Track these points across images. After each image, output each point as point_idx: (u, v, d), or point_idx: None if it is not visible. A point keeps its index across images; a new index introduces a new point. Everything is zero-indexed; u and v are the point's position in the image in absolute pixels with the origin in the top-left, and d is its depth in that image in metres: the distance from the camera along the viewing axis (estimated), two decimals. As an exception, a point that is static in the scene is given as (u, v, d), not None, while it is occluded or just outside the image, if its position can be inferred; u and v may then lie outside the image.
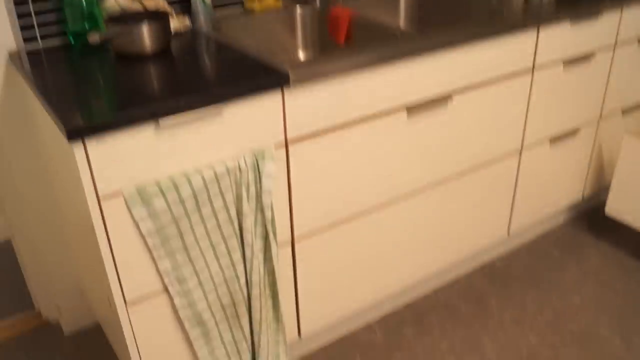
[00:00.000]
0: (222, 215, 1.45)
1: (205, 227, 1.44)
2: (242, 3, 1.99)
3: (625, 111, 2.42)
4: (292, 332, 1.81)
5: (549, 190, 2.31)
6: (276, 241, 1.57)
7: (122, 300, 1.43)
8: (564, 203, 2.43)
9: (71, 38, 1.70)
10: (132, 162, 1.31)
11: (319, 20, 2.05)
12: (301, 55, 2.07)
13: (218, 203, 1.43)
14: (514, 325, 2.07)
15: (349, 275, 1.84)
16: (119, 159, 1.29)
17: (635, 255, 2.39)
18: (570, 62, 2.06)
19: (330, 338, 2.01)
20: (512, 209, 2.21)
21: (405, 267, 1.98)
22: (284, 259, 1.67)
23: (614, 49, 2.19)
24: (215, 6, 1.94)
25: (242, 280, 1.55)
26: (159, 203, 1.35)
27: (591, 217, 2.63)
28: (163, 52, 1.61)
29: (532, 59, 1.93)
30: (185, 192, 1.37)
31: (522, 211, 2.26)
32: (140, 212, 1.34)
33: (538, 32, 1.90)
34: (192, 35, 1.77)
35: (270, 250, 1.56)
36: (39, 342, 2.07)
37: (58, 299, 2.05)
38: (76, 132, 1.21)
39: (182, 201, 1.37)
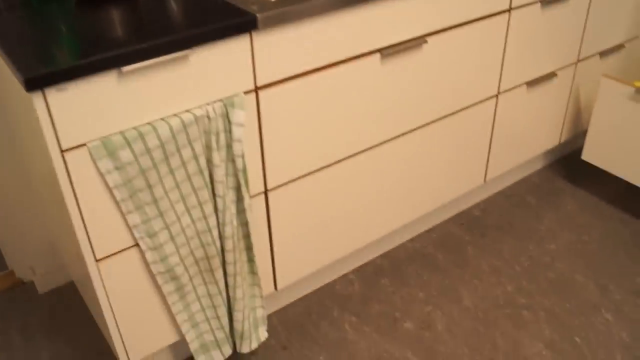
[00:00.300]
0: (191, 166, 1.40)
1: (175, 179, 1.39)
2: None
3: (603, 54, 2.39)
4: (269, 285, 1.79)
5: (526, 135, 2.30)
6: (249, 192, 1.53)
7: (92, 257, 1.39)
8: (541, 149, 2.42)
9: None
10: (96, 112, 1.26)
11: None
12: None
13: (187, 153, 1.38)
14: (490, 274, 2.07)
15: (324, 225, 1.81)
16: (82, 109, 1.24)
17: (611, 201, 2.40)
18: (548, 2, 2.01)
19: (307, 290, 2.00)
20: (488, 155, 2.19)
21: (382, 216, 1.96)
22: (258, 211, 1.64)
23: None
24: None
25: (215, 233, 1.51)
26: (125, 154, 1.30)
27: (568, 163, 2.62)
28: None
29: None
30: (152, 142, 1.32)
31: (499, 158, 2.25)
32: (106, 164, 1.29)
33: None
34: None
35: (242, 202, 1.52)
36: (13, 301, 2.03)
37: (31, 259, 2.01)
38: (34, 81, 1.15)
39: (149, 151, 1.32)
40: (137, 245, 1.43)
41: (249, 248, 1.60)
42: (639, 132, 2.19)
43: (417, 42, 1.72)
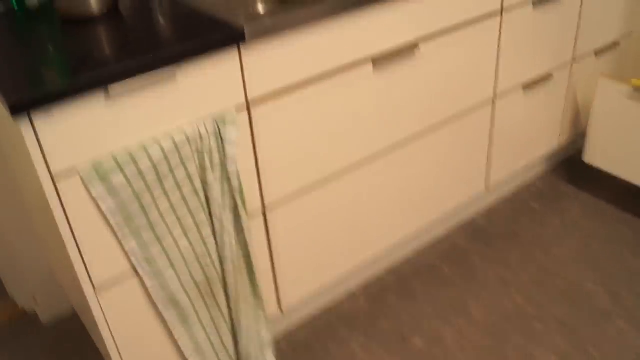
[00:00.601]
0: (186, 187, 1.37)
1: (170, 201, 1.36)
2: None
3: (598, 52, 2.37)
4: (273, 306, 1.74)
5: (526, 139, 2.27)
6: (246, 211, 1.50)
7: (91, 286, 1.35)
8: (542, 152, 2.38)
9: (14, 3, 1.60)
10: (85, 135, 1.23)
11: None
12: (261, 9, 1.98)
13: (180, 174, 1.35)
14: (498, 284, 2.02)
15: (327, 241, 1.77)
16: (71, 133, 1.21)
17: (616, 203, 2.36)
18: (540, 2, 1.99)
19: (313, 310, 1.95)
20: (488, 162, 2.16)
21: (384, 229, 1.92)
22: (258, 230, 1.60)
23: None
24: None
25: (215, 255, 1.47)
26: (117, 178, 1.26)
27: (570, 166, 2.59)
28: (111, 13, 1.52)
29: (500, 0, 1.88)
30: (144, 164, 1.29)
31: (500, 164, 2.21)
32: (98, 189, 1.26)
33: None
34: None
35: (240, 222, 1.49)
36: (16, 332, 1.98)
37: (33, 288, 1.96)
38: (20, 107, 1.12)
39: (141, 174, 1.29)
40: (135, 272, 1.39)
41: (250, 269, 1.56)
42: (637, 131, 2.17)
43: (409, 48, 1.70)
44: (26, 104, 1.12)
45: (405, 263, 2.13)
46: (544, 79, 2.19)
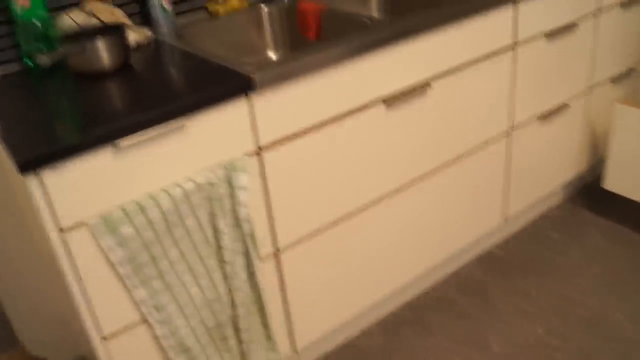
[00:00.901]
0: (196, 235, 1.36)
1: (180, 249, 1.35)
2: (205, 7, 1.90)
3: (614, 79, 2.33)
4: (287, 347, 1.73)
5: (543, 170, 2.23)
6: (258, 255, 1.49)
7: (99, 336, 1.34)
8: (560, 182, 2.35)
9: (28, 61, 1.61)
10: (94, 189, 1.23)
11: (287, 17, 1.96)
12: (271, 55, 1.98)
13: (191, 222, 1.34)
14: (518, 316, 1.99)
15: (341, 280, 1.76)
16: (79, 187, 1.21)
17: (638, 229, 2.31)
18: (552, 34, 1.97)
19: (328, 347, 1.93)
20: (506, 193, 2.13)
21: (400, 266, 1.90)
22: (270, 272, 1.59)
23: (596, 16, 2.10)
24: (177, 13, 1.84)
25: (226, 300, 1.46)
26: (126, 229, 1.26)
27: (589, 193, 2.54)
28: (123, 68, 1.52)
29: (511, 35, 1.85)
30: (154, 214, 1.28)
31: (517, 195, 2.18)
32: (108, 241, 1.25)
33: (515, 5, 1.82)
34: (154, 46, 1.68)
35: (252, 266, 1.47)
36: (27, 379, 1.99)
37: (43, 334, 1.96)
38: (28, 164, 1.13)
39: (150, 224, 1.28)
40: (145, 320, 1.38)
41: (262, 312, 1.55)
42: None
43: (421, 87, 1.68)
44: (34, 162, 1.13)
45: (421, 297, 2.10)
46: (560, 108, 2.16)
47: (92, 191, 1.23)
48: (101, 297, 1.31)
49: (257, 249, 1.48)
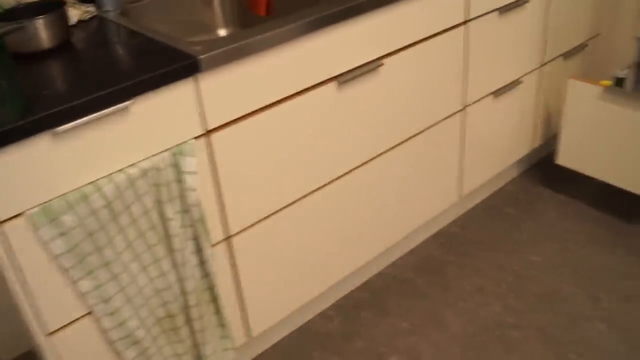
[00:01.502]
0: (143, 222, 1.30)
1: (126, 237, 1.29)
2: (149, -17, 1.82)
3: (567, 55, 2.33)
4: (242, 334, 1.69)
5: (498, 146, 2.22)
6: (209, 241, 1.43)
7: (44, 333, 1.28)
8: (514, 158, 2.35)
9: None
10: (33, 177, 1.15)
11: (235, -7, 1.89)
12: (220, 33, 1.91)
13: (137, 209, 1.28)
14: (475, 294, 1.98)
15: (296, 264, 1.72)
16: (17, 176, 1.14)
17: (590, 203, 2.33)
18: (504, 9, 1.94)
19: (284, 332, 1.90)
20: (461, 171, 2.12)
21: (355, 247, 1.87)
22: (223, 258, 1.54)
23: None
24: (121, -11, 1.76)
25: (177, 289, 1.41)
26: (68, 219, 1.19)
27: (543, 168, 2.55)
28: (63, 47, 1.44)
29: (463, 10, 1.82)
30: (97, 202, 1.22)
31: (472, 172, 2.17)
32: (48, 232, 1.19)
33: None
34: (97, 24, 1.59)
35: (203, 252, 1.42)
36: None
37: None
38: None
39: (94, 213, 1.22)
40: (92, 312, 1.32)
41: (214, 300, 1.50)
42: (610, 132, 2.14)
43: (373, 65, 1.64)
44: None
45: (378, 277, 2.08)
46: (514, 84, 2.14)
47: (31, 180, 1.15)
48: (45, 291, 1.24)
49: (208, 235, 1.43)
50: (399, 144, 1.83)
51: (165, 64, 1.26)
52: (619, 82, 2.14)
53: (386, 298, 2.00)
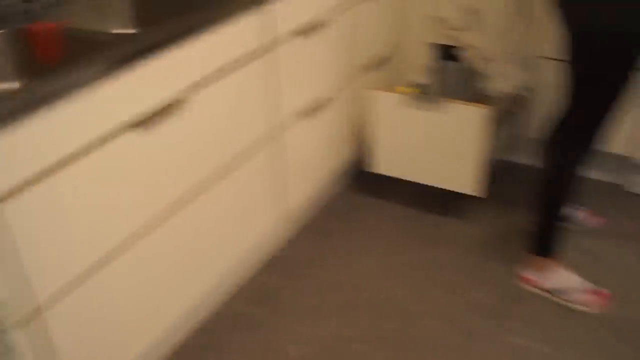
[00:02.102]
0: None
1: None
2: None
3: (370, 67, 2.42)
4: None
5: (315, 165, 2.26)
6: (10, 324, 1.30)
7: None
8: (333, 172, 2.40)
9: None
10: None
11: (18, 41, 1.74)
12: (14, 87, 1.76)
13: None
14: (312, 314, 1.98)
15: (119, 322, 1.61)
16: None
17: (411, 204, 2.46)
18: (301, 32, 1.97)
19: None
20: (284, 194, 2.12)
21: (181, 292, 1.79)
22: (36, 334, 1.40)
23: (343, 11, 2.16)
24: None
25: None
26: None
27: (364, 180, 2.62)
28: None
29: (261, 38, 1.82)
30: None
31: (295, 193, 2.19)
32: None
33: (261, 8, 1.79)
34: None
35: (6, 339, 1.29)
36: None
37: None
38: None
39: None
40: None
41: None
42: (415, 135, 2.27)
43: (177, 102, 1.59)
44: None
45: (216, 317, 2.01)
46: (325, 103, 2.19)
47: None
48: None
49: (8, 318, 1.29)
50: (215, 179, 1.79)
51: None
52: (422, 87, 2.27)
53: (225, 337, 1.93)
